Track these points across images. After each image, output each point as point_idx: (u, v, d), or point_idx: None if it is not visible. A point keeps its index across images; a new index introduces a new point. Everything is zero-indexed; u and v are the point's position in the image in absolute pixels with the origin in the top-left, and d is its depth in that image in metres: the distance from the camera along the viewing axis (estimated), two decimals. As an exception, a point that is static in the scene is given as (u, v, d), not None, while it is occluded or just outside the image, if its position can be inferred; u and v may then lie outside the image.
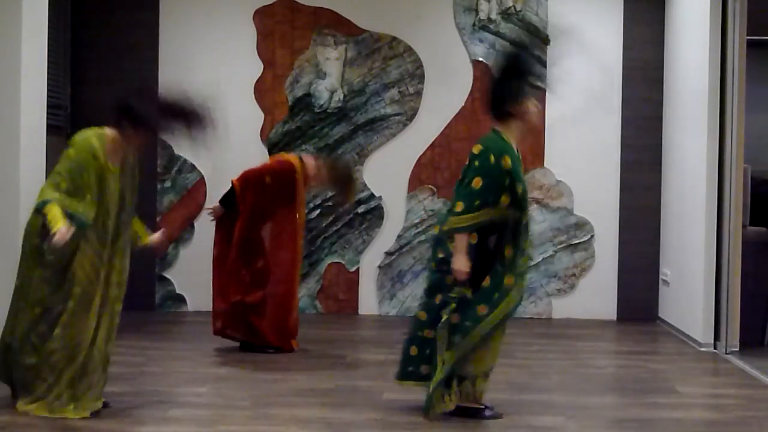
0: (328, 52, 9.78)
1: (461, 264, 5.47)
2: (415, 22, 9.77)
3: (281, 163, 7.76)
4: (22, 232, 7.60)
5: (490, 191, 5.48)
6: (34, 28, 7.88)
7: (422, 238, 9.69)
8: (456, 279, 5.50)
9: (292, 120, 9.76)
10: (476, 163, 5.53)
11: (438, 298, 5.64)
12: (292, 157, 7.86)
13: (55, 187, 5.58)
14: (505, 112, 5.62)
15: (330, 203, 9.64)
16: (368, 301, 9.80)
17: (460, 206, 5.49)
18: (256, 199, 7.57)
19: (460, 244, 5.49)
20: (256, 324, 7.55)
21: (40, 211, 5.56)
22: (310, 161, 7.75)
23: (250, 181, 7.62)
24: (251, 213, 7.57)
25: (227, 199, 7.70)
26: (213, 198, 9.61)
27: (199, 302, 9.56)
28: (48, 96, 8.27)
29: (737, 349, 7.96)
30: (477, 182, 5.48)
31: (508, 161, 5.49)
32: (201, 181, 9.72)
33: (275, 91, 9.79)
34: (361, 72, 9.76)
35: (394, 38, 9.76)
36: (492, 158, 5.49)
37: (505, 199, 5.52)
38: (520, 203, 5.54)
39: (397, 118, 9.73)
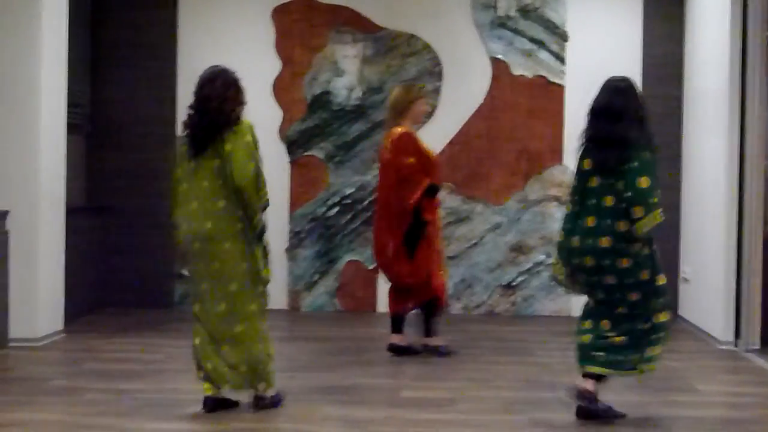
0: (346, 50, 9.79)
1: None
2: (433, 20, 9.76)
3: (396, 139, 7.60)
4: (42, 228, 7.71)
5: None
6: (53, 27, 7.94)
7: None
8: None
9: (311, 118, 9.78)
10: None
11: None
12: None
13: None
14: None
15: (348, 201, 9.67)
16: (386, 299, 9.77)
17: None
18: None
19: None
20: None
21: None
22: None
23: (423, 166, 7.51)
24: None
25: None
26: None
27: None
28: (68, 95, 8.33)
29: (757, 347, 7.92)
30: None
31: None
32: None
33: (294, 88, 9.81)
34: (379, 69, 9.76)
35: (412, 36, 9.76)
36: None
37: None
38: None
39: (415, 115, 9.71)
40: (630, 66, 9.62)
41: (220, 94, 5.62)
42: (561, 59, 9.71)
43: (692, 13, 9.39)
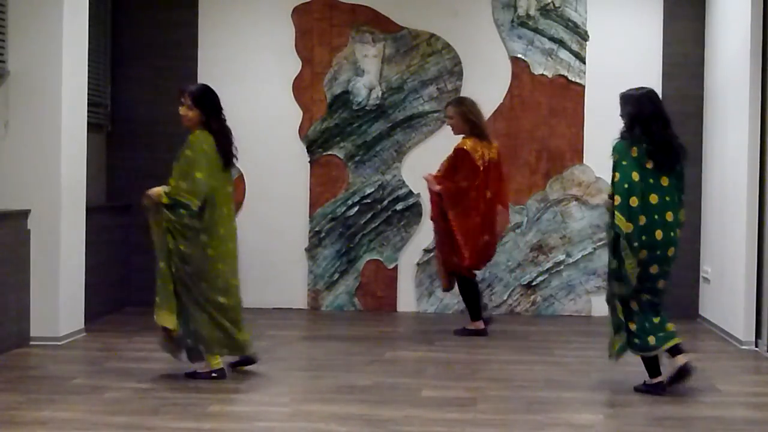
0: (367, 50, 9.79)
1: None
2: (453, 19, 9.76)
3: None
4: (63, 227, 7.74)
5: None
6: (75, 27, 7.97)
7: (460, 235, 9.68)
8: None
9: (331, 117, 9.78)
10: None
11: None
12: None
13: None
14: None
15: (368, 200, 9.67)
16: (406, 298, 9.81)
17: None
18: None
19: None
20: None
21: None
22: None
23: None
24: None
25: None
26: (251, 195, 9.69)
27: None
28: (89, 94, 8.37)
29: (779, 347, 7.89)
30: None
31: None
32: (239, 178, 9.73)
33: (314, 88, 9.82)
34: (399, 69, 9.76)
35: (433, 35, 9.75)
36: None
37: None
38: None
39: (435, 115, 9.72)
40: (650, 65, 9.60)
41: None
42: (581, 59, 9.69)
43: (713, 13, 9.35)
